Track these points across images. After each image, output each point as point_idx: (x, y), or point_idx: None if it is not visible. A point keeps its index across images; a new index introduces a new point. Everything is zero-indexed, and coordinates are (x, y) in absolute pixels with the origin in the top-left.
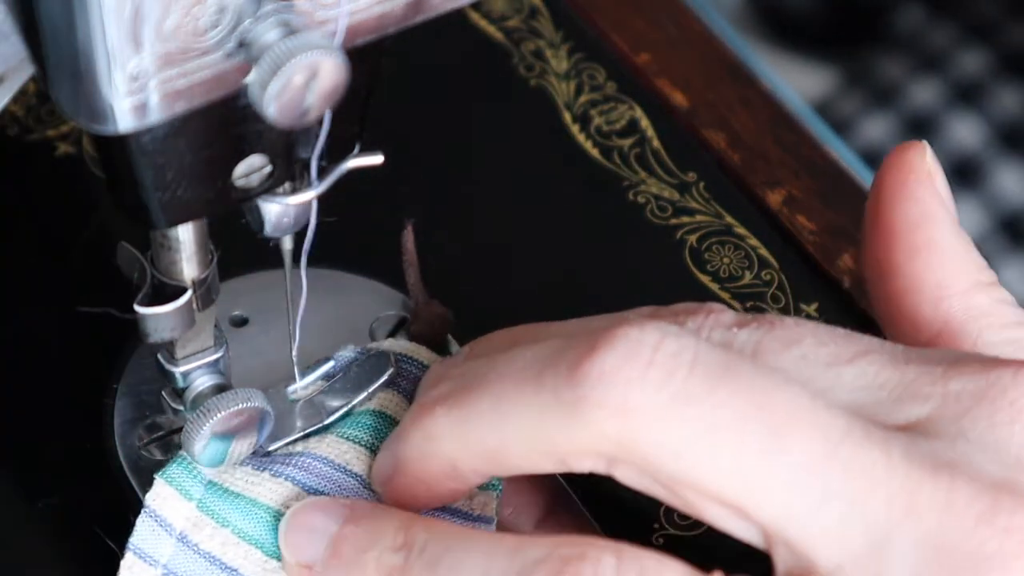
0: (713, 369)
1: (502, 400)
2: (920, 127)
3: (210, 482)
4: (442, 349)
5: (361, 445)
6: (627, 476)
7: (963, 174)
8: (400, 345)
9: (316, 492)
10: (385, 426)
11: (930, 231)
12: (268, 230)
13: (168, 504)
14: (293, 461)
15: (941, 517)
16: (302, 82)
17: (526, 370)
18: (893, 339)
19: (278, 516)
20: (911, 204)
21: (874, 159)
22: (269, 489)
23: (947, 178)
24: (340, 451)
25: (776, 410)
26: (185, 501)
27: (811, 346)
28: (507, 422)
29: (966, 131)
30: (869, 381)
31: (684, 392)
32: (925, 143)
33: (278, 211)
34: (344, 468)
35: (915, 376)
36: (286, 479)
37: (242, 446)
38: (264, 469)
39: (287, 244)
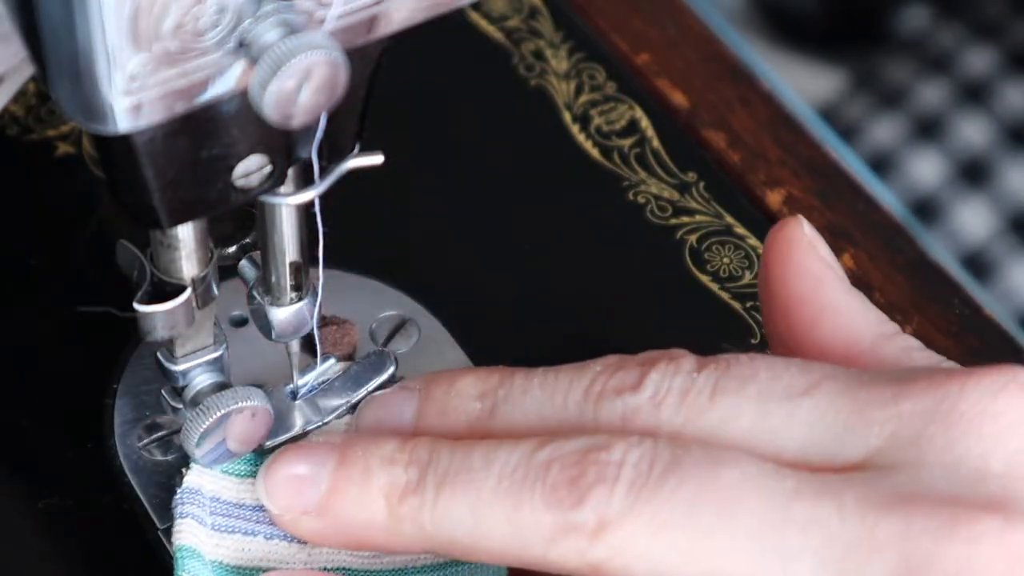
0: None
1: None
2: (928, 128)
3: (216, 563)
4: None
5: None
6: None
7: (972, 174)
8: None
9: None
10: None
11: (826, 296)
12: (275, 336)
13: None
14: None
15: (902, 547)
16: (302, 82)
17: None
18: None
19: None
20: (800, 275)
21: (883, 163)
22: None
23: (956, 178)
24: None
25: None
26: None
27: (766, 380)
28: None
29: (974, 130)
30: (823, 411)
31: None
32: (800, 217)
33: (285, 319)
34: None
35: (866, 402)
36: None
37: (243, 445)
38: (258, 534)
39: (294, 347)
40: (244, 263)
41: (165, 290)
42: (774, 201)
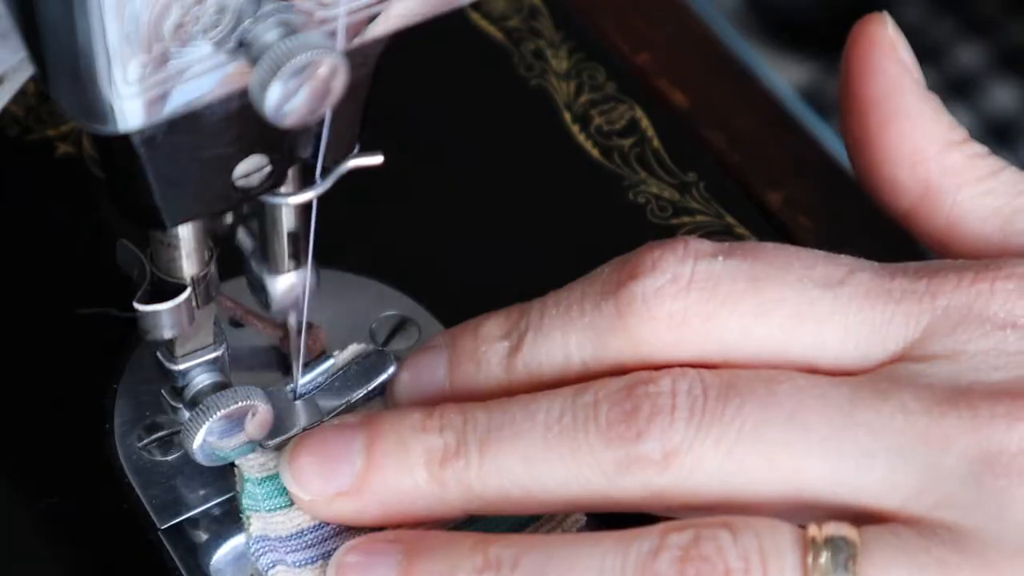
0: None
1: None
2: None
3: None
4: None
5: None
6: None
7: None
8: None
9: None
10: None
11: (898, 100)
12: (274, 310)
13: None
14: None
15: (973, 434)
16: (302, 82)
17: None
18: (882, 205)
19: None
20: (877, 76)
21: None
22: None
23: None
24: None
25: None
26: None
27: (802, 269)
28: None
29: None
30: (861, 303)
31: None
32: (885, 14)
33: (283, 288)
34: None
35: (901, 293)
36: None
37: (241, 443)
38: (328, 552)
39: (292, 320)
40: (241, 233)
41: (165, 289)
42: (774, 201)
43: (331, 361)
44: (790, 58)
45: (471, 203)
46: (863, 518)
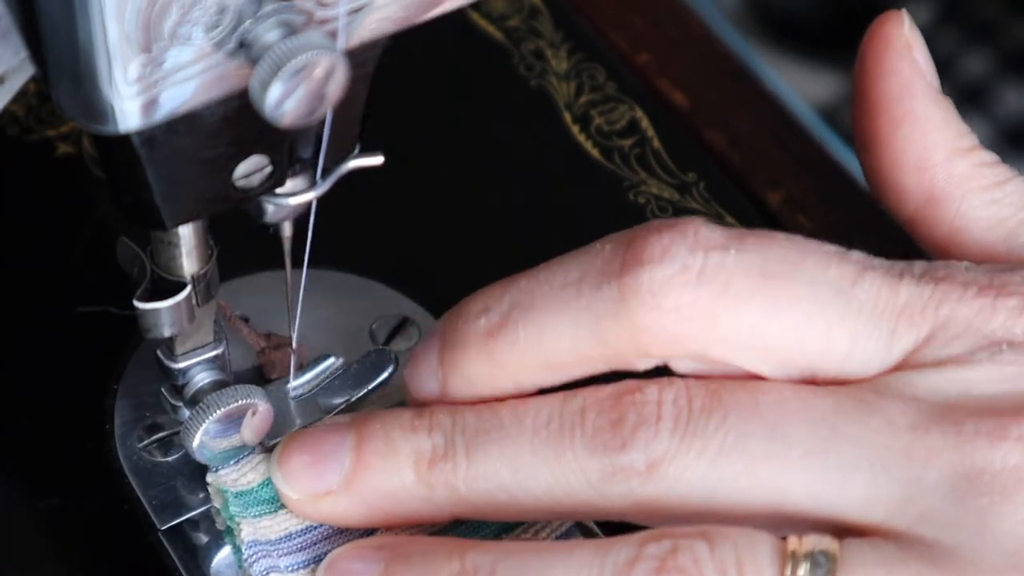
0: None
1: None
2: None
3: None
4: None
5: None
6: (683, 366)
7: None
8: None
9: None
10: None
11: (909, 103)
12: (269, 217)
13: None
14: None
15: (956, 450)
16: (302, 82)
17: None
18: (887, 208)
19: None
20: (890, 78)
21: None
22: None
23: None
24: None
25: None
26: None
27: (816, 268)
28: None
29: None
30: (871, 310)
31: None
32: (903, 12)
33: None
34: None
35: (907, 300)
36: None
37: (241, 442)
38: (321, 554)
39: (287, 231)
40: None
41: (165, 287)
42: (774, 201)
43: (330, 360)
44: (791, 59)
45: (471, 203)
46: (844, 531)
